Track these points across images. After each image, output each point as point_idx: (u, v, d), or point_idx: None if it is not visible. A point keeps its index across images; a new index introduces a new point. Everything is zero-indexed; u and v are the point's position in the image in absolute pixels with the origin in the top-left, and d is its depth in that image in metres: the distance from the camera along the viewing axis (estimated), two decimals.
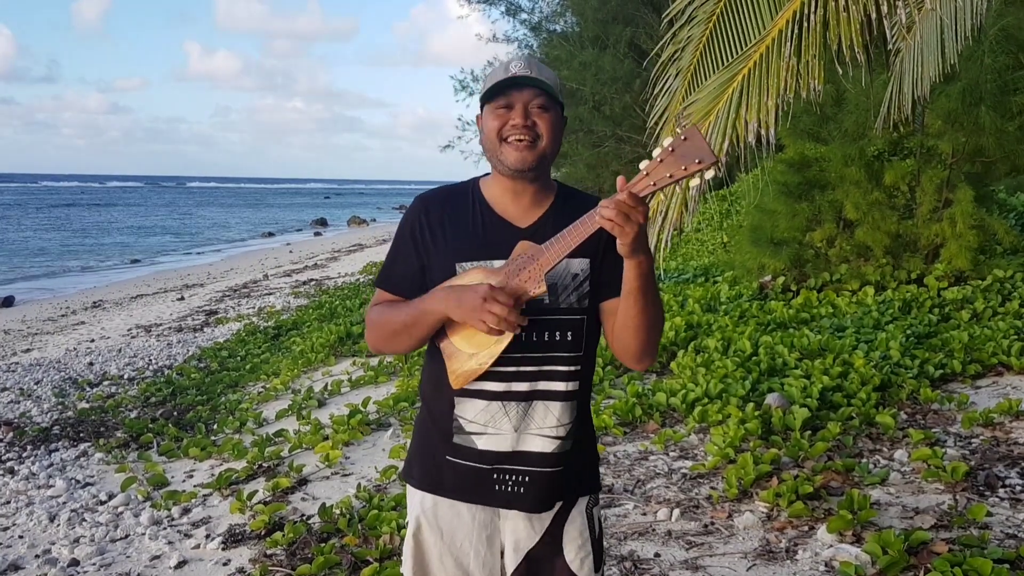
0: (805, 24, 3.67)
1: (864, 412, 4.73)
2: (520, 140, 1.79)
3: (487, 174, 1.93)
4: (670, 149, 1.62)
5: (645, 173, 1.64)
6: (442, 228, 1.86)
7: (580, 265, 1.83)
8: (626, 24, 18.29)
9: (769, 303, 7.38)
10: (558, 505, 1.88)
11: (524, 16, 21.74)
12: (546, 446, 1.83)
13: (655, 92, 4.72)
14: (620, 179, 1.64)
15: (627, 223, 1.61)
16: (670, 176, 1.62)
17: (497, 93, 1.80)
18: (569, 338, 1.83)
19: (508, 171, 1.82)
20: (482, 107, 1.86)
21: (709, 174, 1.63)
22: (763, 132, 3.78)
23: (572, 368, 1.84)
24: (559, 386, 1.83)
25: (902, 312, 6.78)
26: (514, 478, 1.83)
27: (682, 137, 1.62)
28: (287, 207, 73.44)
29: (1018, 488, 3.82)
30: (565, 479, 1.87)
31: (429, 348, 1.91)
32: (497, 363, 1.78)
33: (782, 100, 3.74)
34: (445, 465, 1.87)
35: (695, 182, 1.66)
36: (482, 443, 1.83)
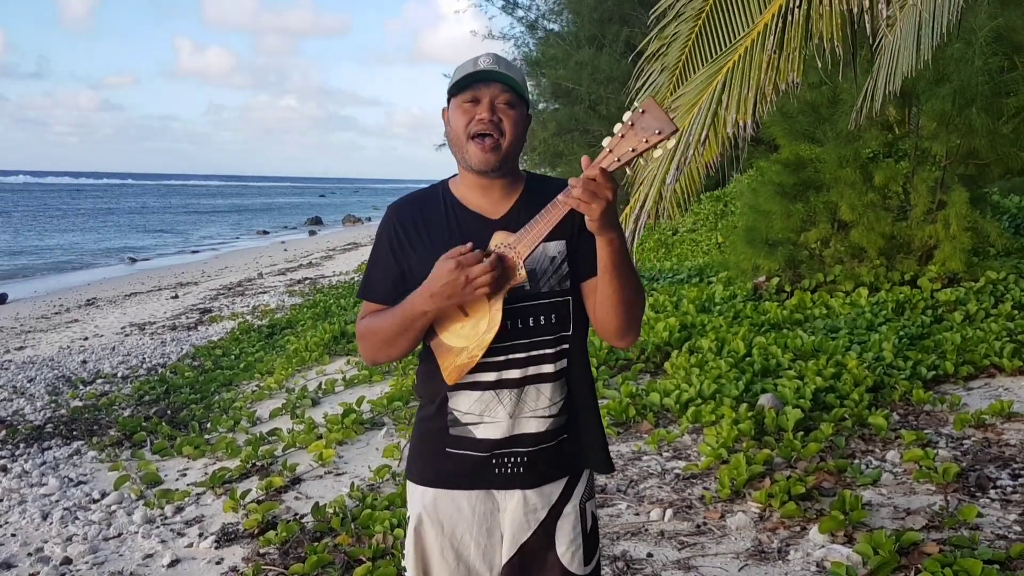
0: (790, 18, 3.69)
1: (857, 413, 4.75)
2: (484, 137, 1.80)
3: (455, 175, 1.95)
4: (630, 124, 1.66)
5: (609, 150, 1.67)
6: (417, 231, 1.89)
7: (557, 248, 1.85)
8: (623, 24, 18.27)
9: (763, 304, 7.39)
10: (556, 495, 1.90)
11: (521, 14, 21.69)
12: (540, 426, 1.86)
13: (637, 86, 4.73)
14: (584, 159, 1.67)
15: (595, 199, 1.64)
16: (633, 150, 1.65)
17: (465, 87, 1.82)
18: (554, 320, 1.85)
19: (472, 170, 1.85)
20: (449, 101, 1.87)
21: (671, 143, 1.67)
22: (741, 123, 3.81)
23: (559, 348, 1.86)
24: (547, 368, 1.85)
25: (895, 313, 6.80)
26: (512, 459, 1.86)
27: (640, 111, 1.65)
28: (282, 205, 73.35)
29: (1009, 489, 3.84)
30: (564, 453, 1.89)
31: (422, 348, 1.93)
32: (488, 354, 1.80)
33: (761, 92, 3.76)
34: (445, 456, 1.89)
35: (658, 152, 1.69)
36: (479, 432, 1.86)
